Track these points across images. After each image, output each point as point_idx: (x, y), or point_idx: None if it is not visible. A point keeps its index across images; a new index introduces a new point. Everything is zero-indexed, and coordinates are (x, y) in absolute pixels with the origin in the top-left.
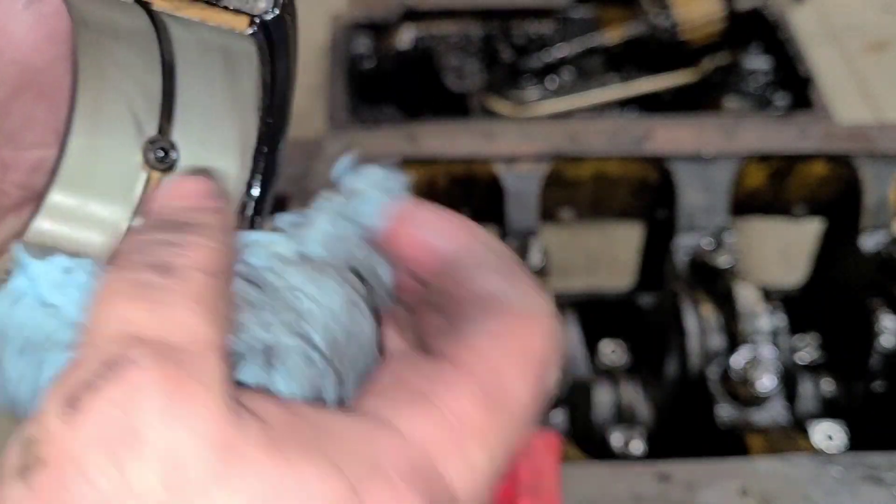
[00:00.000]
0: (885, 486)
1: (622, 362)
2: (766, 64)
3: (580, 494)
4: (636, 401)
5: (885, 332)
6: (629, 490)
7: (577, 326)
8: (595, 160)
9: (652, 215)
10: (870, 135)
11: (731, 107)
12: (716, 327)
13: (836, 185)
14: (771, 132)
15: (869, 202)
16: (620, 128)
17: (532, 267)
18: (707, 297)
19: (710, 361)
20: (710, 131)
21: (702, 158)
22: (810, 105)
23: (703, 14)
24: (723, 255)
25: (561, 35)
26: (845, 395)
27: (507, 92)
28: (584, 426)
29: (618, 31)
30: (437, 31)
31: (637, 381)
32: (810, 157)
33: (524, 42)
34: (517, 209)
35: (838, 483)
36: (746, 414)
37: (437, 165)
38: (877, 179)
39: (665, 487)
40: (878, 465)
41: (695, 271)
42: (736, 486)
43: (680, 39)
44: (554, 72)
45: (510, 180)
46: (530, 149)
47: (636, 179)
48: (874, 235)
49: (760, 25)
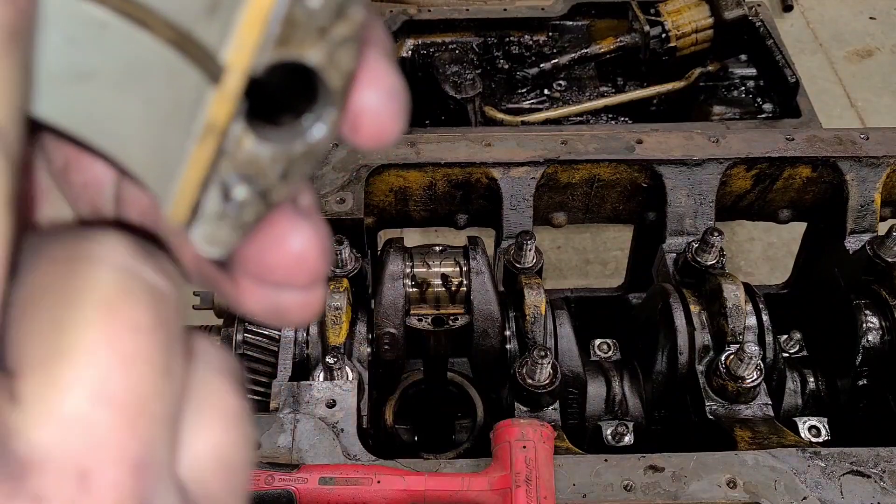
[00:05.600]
0: (870, 480)
1: (614, 359)
2: (753, 71)
3: (573, 485)
4: (627, 395)
5: (869, 330)
6: (621, 481)
7: (570, 324)
8: (587, 165)
9: (642, 218)
10: (855, 140)
11: (719, 113)
12: (704, 325)
13: (821, 190)
14: (757, 138)
15: (854, 206)
16: (612, 134)
17: (528, 267)
18: (695, 296)
19: (698, 358)
20: (698, 137)
21: (690, 163)
22: (797, 111)
23: (692, 24)
24: (710, 256)
25: (555, 45)
26: (830, 391)
27: (503, 100)
28: (577, 419)
29: (610, 42)
30: (435, 42)
31: (628, 376)
32: (796, 162)
33: (519, 52)
34: (513, 212)
35: (824, 476)
36: (734, 409)
37: (437, 170)
38: (862, 184)
39: (655, 479)
40: (862, 459)
41: (683, 271)
42: (724, 478)
43: (669, 48)
44: (548, 80)
45: (506, 184)
46: (525, 154)
47: (627, 184)
48: (859, 238)
49: (748, 34)
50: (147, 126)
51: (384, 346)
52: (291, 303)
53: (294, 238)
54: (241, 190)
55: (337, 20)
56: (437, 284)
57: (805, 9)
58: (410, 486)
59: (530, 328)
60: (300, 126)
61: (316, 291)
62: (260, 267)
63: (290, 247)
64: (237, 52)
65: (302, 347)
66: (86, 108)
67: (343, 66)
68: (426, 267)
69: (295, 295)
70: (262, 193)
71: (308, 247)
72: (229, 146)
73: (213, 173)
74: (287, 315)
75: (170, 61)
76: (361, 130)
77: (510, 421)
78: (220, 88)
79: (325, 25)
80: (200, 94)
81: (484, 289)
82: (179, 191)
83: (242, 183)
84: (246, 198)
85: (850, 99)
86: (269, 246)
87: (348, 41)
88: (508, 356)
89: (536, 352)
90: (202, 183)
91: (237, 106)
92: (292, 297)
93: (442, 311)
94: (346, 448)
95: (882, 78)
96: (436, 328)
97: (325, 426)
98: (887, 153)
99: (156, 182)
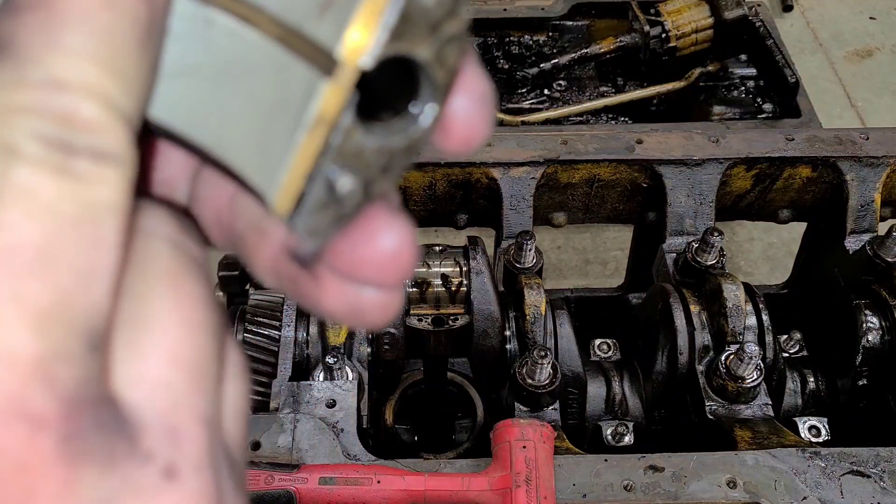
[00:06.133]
0: (870, 480)
1: (614, 359)
2: (753, 71)
3: (573, 485)
4: (627, 395)
5: (869, 330)
6: (621, 481)
7: (570, 324)
8: (587, 165)
9: (642, 218)
10: (855, 140)
11: (719, 113)
12: (704, 325)
13: (821, 190)
14: (757, 138)
15: (854, 206)
16: (612, 134)
17: (528, 267)
18: (695, 296)
19: (698, 358)
20: (698, 137)
21: (690, 163)
22: (797, 111)
23: (692, 24)
24: (710, 256)
25: (555, 45)
26: (830, 391)
27: (503, 100)
28: (577, 419)
29: (610, 42)
30: None
31: (628, 376)
32: (796, 162)
33: (519, 52)
34: (513, 212)
35: (824, 476)
36: (734, 409)
37: (437, 170)
38: (862, 184)
39: (655, 479)
40: (862, 459)
41: (683, 271)
42: (724, 478)
43: (669, 48)
44: (548, 80)
45: (506, 184)
46: (525, 154)
47: (627, 184)
48: (859, 238)
49: (748, 34)
50: (250, 119)
51: (384, 346)
52: (372, 302)
53: (388, 235)
54: (346, 181)
55: (448, 18)
56: (437, 284)
57: (805, 9)
58: (410, 486)
59: (530, 328)
60: (404, 120)
61: (397, 292)
62: (350, 262)
63: (383, 243)
64: (352, 47)
65: (302, 347)
66: (188, 104)
67: (449, 63)
68: (426, 267)
69: (377, 294)
70: (365, 185)
71: (401, 245)
72: (337, 138)
73: (320, 164)
74: (366, 315)
75: (276, 56)
76: (452, 134)
77: (510, 421)
78: (333, 81)
79: (437, 23)
80: (311, 87)
81: (484, 289)
82: (286, 182)
83: (347, 174)
84: (349, 189)
85: (850, 99)
86: (362, 241)
87: (455, 39)
88: (508, 356)
89: (536, 352)
90: (308, 174)
91: (348, 99)
92: (374, 296)
93: (442, 311)
94: (346, 448)
95: (882, 78)
96: (436, 328)
97: (325, 426)
98: (887, 153)
99: (257, 174)
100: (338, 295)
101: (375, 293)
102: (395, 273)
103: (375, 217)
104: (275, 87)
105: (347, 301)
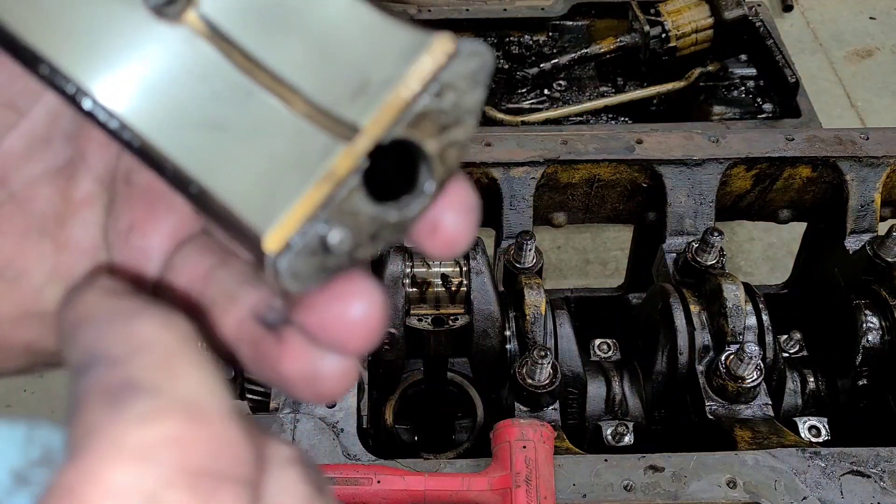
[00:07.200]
0: (870, 480)
1: (614, 359)
2: (753, 71)
3: (573, 485)
4: (627, 395)
5: (869, 330)
6: (621, 481)
7: (570, 324)
8: (587, 165)
9: (642, 218)
10: (855, 140)
11: (719, 113)
12: (704, 325)
13: (821, 190)
14: (757, 138)
15: (854, 206)
16: (612, 134)
17: (528, 267)
18: (695, 296)
19: (698, 358)
20: (698, 137)
21: (690, 163)
22: (797, 111)
23: (691, 24)
24: (710, 256)
25: (555, 45)
26: (830, 391)
27: (503, 100)
28: (577, 419)
29: (610, 42)
30: None
31: (628, 376)
32: (796, 162)
33: (519, 52)
34: (513, 212)
35: (824, 476)
36: (734, 409)
37: None
38: (862, 184)
39: (655, 479)
40: (862, 459)
41: (683, 271)
42: (724, 478)
43: (669, 48)
44: (548, 80)
45: (506, 184)
46: (525, 154)
47: (627, 184)
48: (859, 238)
49: (748, 34)
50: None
51: (384, 346)
52: (332, 370)
53: (361, 300)
54: (338, 234)
55: (456, 125)
56: (437, 284)
57: (805, 9)
58: (410, 486)
59: (530, 328)
60: (400, 200)
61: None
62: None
63: (355, 307)
64: (374, 123)
65: None
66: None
67: (448, 162)
68: (426, 267)
69: (338, 363)
70: (353, 247)
71: (371, 313)
72: (340, 195)
73: (319, 214)
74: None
75: (300, 127)
76: (437, 238)
77: (510, 421)
78: (350, 146)
79: (447, 125)
80: (329, 149)
81: (484, 289)
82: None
83: (340, 229)
84: (339, 242)
85: (850, 99)
86: (337, 301)
87: (458, 144)
88: (508, 356)
89: (536, 352)
90: (305, 220)
91: (360, 163)
92: (334, 364)
93: (442, 312)
94: (346, 448)
95: (882, 78)
96: (436, 328)
97: (325, 426)
98: (887, 153)
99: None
100: (299, 359)
101: (336, 361)
102: (361, 339)
103: (353, 281)
104: (295, 148)
105: (308, 366)
